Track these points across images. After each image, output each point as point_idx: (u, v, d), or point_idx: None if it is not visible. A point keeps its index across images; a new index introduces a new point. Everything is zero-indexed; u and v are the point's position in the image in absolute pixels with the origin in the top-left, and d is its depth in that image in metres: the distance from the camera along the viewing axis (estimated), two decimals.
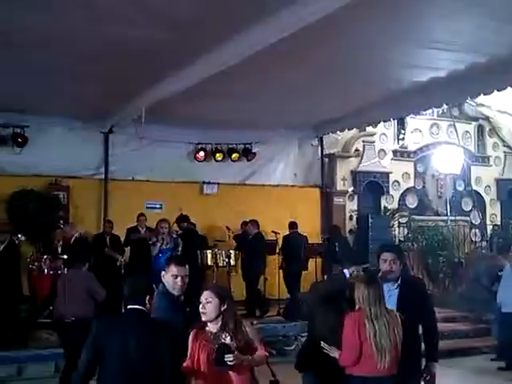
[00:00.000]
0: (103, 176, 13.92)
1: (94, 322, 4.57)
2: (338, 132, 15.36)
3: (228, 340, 4.44)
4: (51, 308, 9.52)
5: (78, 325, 7.90)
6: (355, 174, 16.42)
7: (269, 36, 7.43)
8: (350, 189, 16.42)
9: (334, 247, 13.35)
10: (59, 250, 11.80)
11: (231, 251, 13.16)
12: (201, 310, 4.55)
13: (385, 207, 16.74)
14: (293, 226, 13.59)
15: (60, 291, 8.82)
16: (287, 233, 13.51)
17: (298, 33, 7.09)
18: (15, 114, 12.52)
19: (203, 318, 4.56)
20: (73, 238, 12.16)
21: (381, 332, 4.90)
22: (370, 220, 14.06)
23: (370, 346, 4.90)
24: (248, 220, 13.54)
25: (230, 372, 4.36)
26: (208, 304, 4.54)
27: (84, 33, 7.70)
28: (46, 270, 11.21)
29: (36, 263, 11.38)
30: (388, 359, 4.88)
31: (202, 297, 4.58)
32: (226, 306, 4.53)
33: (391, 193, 16.90)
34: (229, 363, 4.25)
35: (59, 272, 10.90)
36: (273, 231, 13.66)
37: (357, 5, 6.31)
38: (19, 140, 12.71)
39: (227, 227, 14.09)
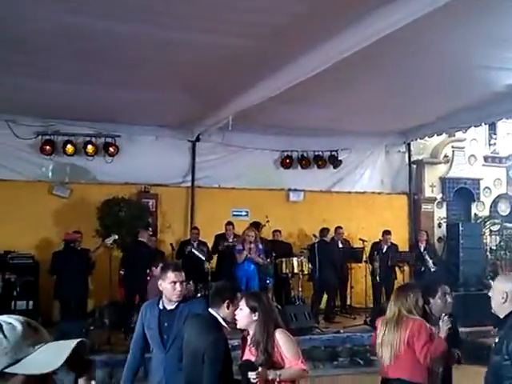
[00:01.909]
0: (190, 184, 14.10)
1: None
2: (427, 138, 15.01)
3: (252, 354, 4.39)
4: None
5: None
6: (444, 181, 16.01)
7: (357, 42, 7.32)
8: (439, 196, 16.03)
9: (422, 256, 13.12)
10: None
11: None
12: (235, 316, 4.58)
13: (475, 214, 16.23)
14: (385, 234, 13.42)
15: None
16: (377, 240, 13.35)
17: (386, 39, 6.96)
18: (107, 124, 12.91)
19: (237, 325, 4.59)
20: None
21: None
22: (461, 228, 13.61)
23: None
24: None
25: None
26: (239, 311, 4.51)
27: (175, 43, 7.81)
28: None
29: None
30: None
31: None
32: (255, 317, 4.43)
33: (482, 199, 16.37)
34: (252, 381, 4.20)
35: (148, 278, 11.08)
36: (360, 239, 13.53)
37: (445, 9, 6.13)
38: (111, 149, 13.05)
39: (314, 235, 13.98)
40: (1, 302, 10.58)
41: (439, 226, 15.89)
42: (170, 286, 4.94)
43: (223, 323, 4.63)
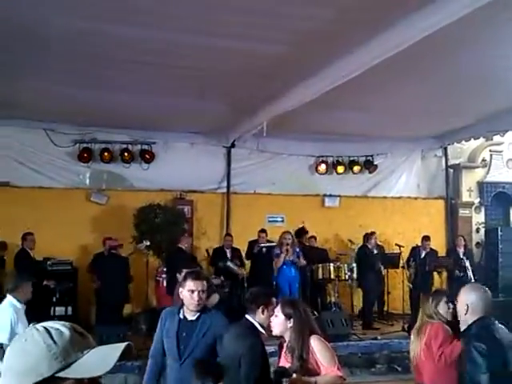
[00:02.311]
0: (225, 190, 14.15)
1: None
2: (464, 142, 14.83)
3: (288, 360, 4.38)
4: None
5: None
6: (482, 185, 15.76)
7: (392, 46, 7.26)
8: (477, 200, 15.79)
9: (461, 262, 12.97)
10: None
11: (354, 264, 13.02)
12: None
13: None
14: (424, 239, 13.32)
15: None
16: (415, 245, 13.29)
17: (421, 42, 6.90)
18: (143, 132, 13.04)
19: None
20: None
21: None
22: (500, 233, 13.42)
23: None
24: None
25: None
26: (275, 318, 4.52)
27: (211, 49, 7.86)
28: None
29: (163, 275, 11.77)
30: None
31: None
32: (290, 324, 4.42)
33: None
34: None
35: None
36: (396, 244, 13.43)
37: (484, 10, 6.05)
38: (147, 156, 13.18)
39: (350, 240, 13.93)
40: (40, 309, 10.71)
41: (477, 231, 15.66)
42: (188, 294, 4.90)
43: (260, 329, 4.66)
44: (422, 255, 13.10)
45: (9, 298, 6.53)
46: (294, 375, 4.22)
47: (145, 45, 7.68)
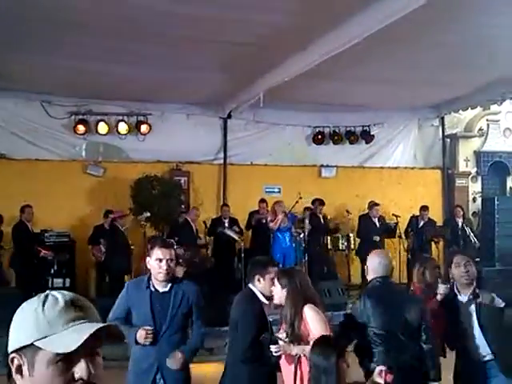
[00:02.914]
0: (222, 161, 14.13)
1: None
2: (461, 111, 14.77)
3: (282, 328, 4.47)
4: None
5: None
6: (479, 155, 15.76)
7: (388, 15, 7.21)
8: (474, 170, 15.80)
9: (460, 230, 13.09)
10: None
11: (350, 235, 13.10)
12: None
13: (511, 188, 15.97)
14: (423, 209, 13.51)
15: None
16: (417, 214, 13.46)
17: (418, 11, 6.84)
18: (139, 103, 12.97)
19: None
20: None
21: None
22: (496, 202, 13.41)
23: None
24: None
25: (282, 361, 4.43)
26: (274, 288, 4.59)
27: (207, 20, 7.79)
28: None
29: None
30: None
31: None
32: (285, 293, 4.47)
33: None
34: (274, 354, 4.33)
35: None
36: (393, 214, 13.47)
37: None
38: (143, 128, 13.13)
39: (347, 211, 13.97)
40: (38, 280, 10.78)
41: (474, 200, 15.70)
42: (156, 263, 4.68)
43: (261, 297, 4.74)
44: (420, 225, 13.18)
45: None
46: (281, 342, 4.33)
47: (143, 15, 7.59)
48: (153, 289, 4.77)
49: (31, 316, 1.63)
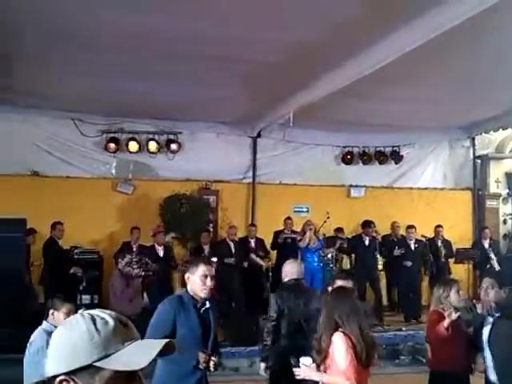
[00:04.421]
0: (251, 180, 14.17)
1: None
2: (492, 132, 14.62)
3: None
4: None
5: None
6: (510, 176, 15.57)
7: (421, 36, 7.18)
8: (505, 191, 15.60)
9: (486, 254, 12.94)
10: (206, 252, 12.19)
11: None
12: None
13: None
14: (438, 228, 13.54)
15: None
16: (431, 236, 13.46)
17: (450, 31, 6.81)
18: (169, 122, 13.10)
19: None
20: None
21: None
22: None
23: None
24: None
25: None
26: None
27: (238, 39, 7.84)
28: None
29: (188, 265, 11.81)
30: None
31: None
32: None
33: None
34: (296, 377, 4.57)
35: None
36: (422, 235, 13.35)
37: None
38: (173, 146, 13.23)
39: (376, 231, 13.87)
40: (67, 297, 10.85)
41: (504, 222, 15.49)
42: (200, 279, 4.74)
43: None
44: (439, 245, 13.23)
45: None
46: (303, 365, 4.42)
47: (173, 34, 7.67)
48: (199, 306, 4.83)
49: (84, 336, 1.63)
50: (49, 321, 5.16)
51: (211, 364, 4.68)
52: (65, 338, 1.66)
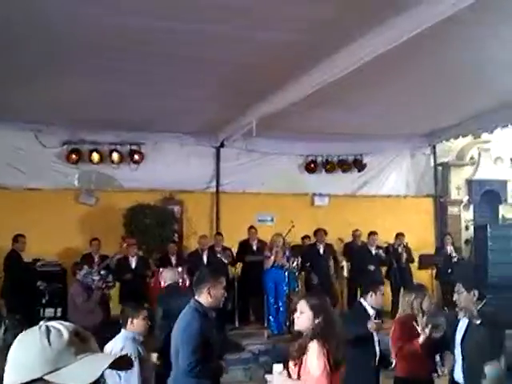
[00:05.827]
0: (215, 189, 14.15)
1: None
2: (452, 140, 14.84)
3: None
4: None
5: None
6: (470, 183, 15.79)
7: (380, 45, 7.26)
8: (465, 198, 15.83)
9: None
10: (173, 262, 12.07)
11: (344, 263, 13.09)
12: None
13: (503, 216, 15.99)
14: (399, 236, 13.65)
15: None
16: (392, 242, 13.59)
17: (409, 41, 6.91)
18: (132, 132, 13.00)
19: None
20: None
21: None
22: (489, 230, 13.44)
23: None
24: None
25: None
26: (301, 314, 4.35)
27: (202, 44, 7.79)
28: (162, 283, 11.44)
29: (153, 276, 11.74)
30: None
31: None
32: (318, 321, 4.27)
33: (510, 202, 16.08)
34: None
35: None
36: (385, 242, 13.47)
37: (472, 8, 6.07)
38: (136, 157, 13.15)
39: (340, 239, 13.97)
40: (30, 310, 10.67)
41: (466, 228, 15.70)
42: (222, 291, 4.98)
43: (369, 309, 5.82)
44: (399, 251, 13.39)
45: None
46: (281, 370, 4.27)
47: (138, 42, 7.60)
48: (210, 316, 4.99)
49: (36, 349, 1.61)
50: (128, 328, 5.41)
51: None
52: (20, 350, 1.65)
